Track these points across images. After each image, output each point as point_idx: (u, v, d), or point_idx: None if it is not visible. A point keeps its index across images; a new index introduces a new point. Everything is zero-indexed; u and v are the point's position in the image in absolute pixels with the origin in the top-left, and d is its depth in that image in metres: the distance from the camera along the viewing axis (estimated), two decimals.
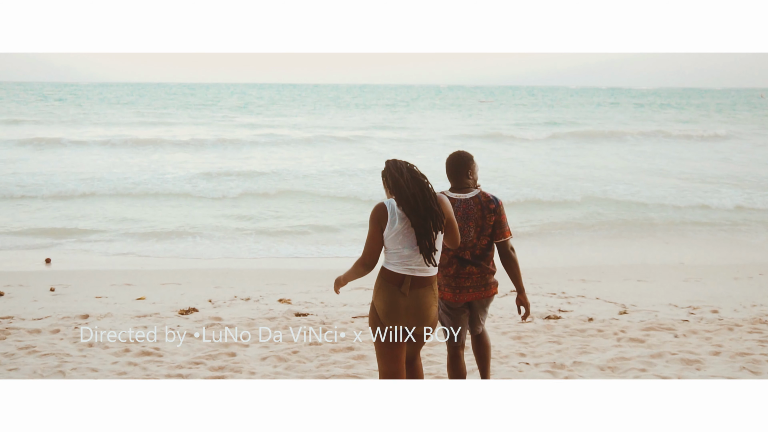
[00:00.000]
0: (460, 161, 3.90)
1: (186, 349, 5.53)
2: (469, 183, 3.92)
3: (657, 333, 6.00)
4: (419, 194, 3.35)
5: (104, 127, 34.95)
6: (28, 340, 5.67)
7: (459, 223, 3.80)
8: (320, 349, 5.57)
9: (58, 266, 9.73)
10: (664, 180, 19.35)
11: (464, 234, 3.81)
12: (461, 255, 3.83)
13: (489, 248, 3.88)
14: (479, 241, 3.83)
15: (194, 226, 12.56)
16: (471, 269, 3.83)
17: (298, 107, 62.36)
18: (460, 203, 3.84)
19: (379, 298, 3.44)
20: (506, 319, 6.63)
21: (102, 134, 30.27)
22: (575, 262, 10.69)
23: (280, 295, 7.78)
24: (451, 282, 3.85)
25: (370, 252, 3.41)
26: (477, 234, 3.82)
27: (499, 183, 17.99)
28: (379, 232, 3.40)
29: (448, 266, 3.85)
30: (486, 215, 3.84)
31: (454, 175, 3.92)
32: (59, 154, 22.82)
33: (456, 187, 3.92)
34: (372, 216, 3.43)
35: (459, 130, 36.33)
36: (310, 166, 20.82)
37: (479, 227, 3.82)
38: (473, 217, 3.82)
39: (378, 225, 3.40)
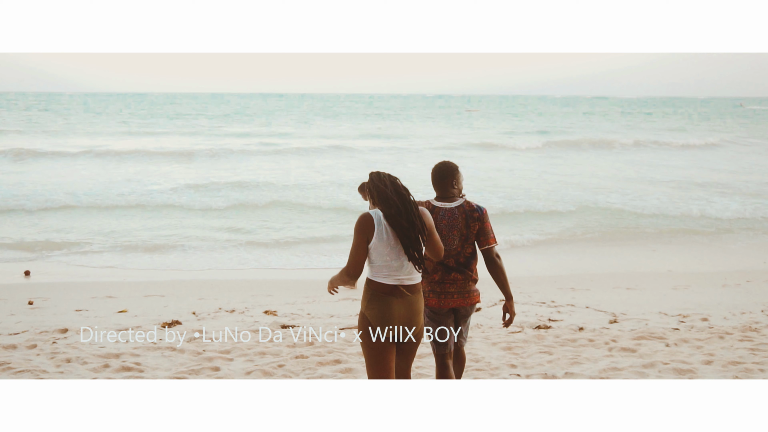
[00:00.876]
0: (446, 171, 3.99)
1: (168, 363, 5.37)
2: (454, 192, 4.00)
3: (648, 342, 5.93)
4: (403, 206, 3.41)
5: (89, 137, 34.55)
6: (2, 356, 5.48)
7: (443, 231, 3.90)
8: (307, 362, 5.43)
9: (38, 278, 9.51)
10: (652, 188, 19.43)
11: (448, 242, 3.90)
12: (446, 262, 3.92)
13: (473, 257, 3.97)
14: (463, 249, 3.93)
15: (180, 238, 12.38)
16: (456, 275, 3.93)
17: (285, 117, 62.20)
18: (445, 212, 3.93)
19: (372, 308, 3.45)
20: (496, 330, 6.54)
21: (87, 144, 29.92)
22: (564, 271, 10.64)
23: (266, 306, 7.63)
24: (435, 288, 3.94)
25: (355, 263, 3.43)
26: (461, 242, 3.92)
27: (490, 192, 17.96)
28: (365, 243, 3.43)
29: (433, 273, 3.94)
30: (470, 224, 3.93)
31: (440, 184, 4.01)
32: (43, 166, 22.48)
33: (441, 196, 4.01)
34: (357, 226, 3.44)
35: (449, 139, 36.34)
36: (299, 176, 20.64)
37: (463, 236, 3.91)
38: (457, 225, 3.91)
39: (364, 236, 3.42)
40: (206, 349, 5.72)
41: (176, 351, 5.68)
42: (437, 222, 3.92)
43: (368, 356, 3.49)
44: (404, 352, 3.58)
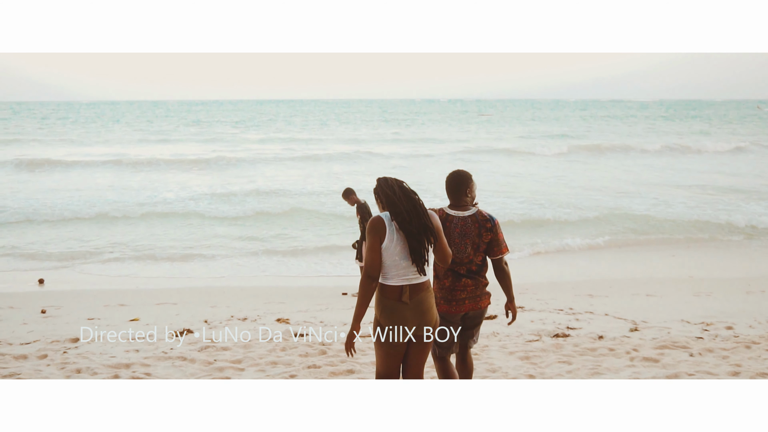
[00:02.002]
0: (460, 180, 4.05)
1: (179, 374, 5.28)
2: (467, 201, 4.05)
3: (671, 352, 5.73)
4: (412, 210, 3.53)
5: (108, 146, 34.76)
6: (13, 367, 5.42)
7: (456, 239, 3.95)
8: (319, 372, 5.31)
9: (52, 287, 9.50)
10: (675, 192, 19.07)
11: (461, 250, 3.95)
12: (457, 270, 3.96)
13: (483, 265, 4.03)
14: (475, 257, 3.98)
15: (196, 246, 12.35)
16: (466, 282, 3.98)
17: (301, 122, 62.30)
18: (458, 220, 3.98)
19: (383, 311, 3.58)
20: (512, 338, 6.37)
21: (105, 152, 30.10)
22: (580, 276, 10.44)
23: (278, 314, 7.53)
24: (447, 295, 3.99)
25: (372, 264, 3.51)
26: (473, 251, 3.97)
27: (506, 196, 17.74)
28: (379, 244, 3.52)
29: (444, 278, 4.00)
30: (482, 233, 3.98)
31: (454, 193, 4.05)
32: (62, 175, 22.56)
33: (455, 205, 4.05)
34: (370, 229, 3.54)
35: (466, 144, 35.98)
36: (316, 183, 20.41)
37: (475, 244, 3.96)
38: (470, 234, 3.96)
39: (377, 237, 3.52)
40: (217, 359, 5.62)
41: (187, 361, 5.58)
42: (450, 230, 3.97)
43: (379, 356, 3.66)
44: (418, 350, 3.65)
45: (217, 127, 55.56)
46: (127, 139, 40.05)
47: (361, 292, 3.54)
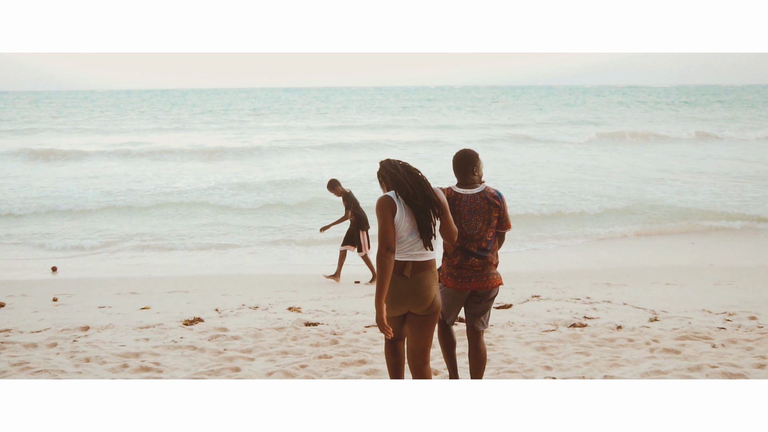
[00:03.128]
0: (467, 158, 4.11)
1: (188, 363, 5.20)
2: (474, 179, 4.11)
3: (693, 343, 5.55)
4: (416, 185, 3.62)
5: (123, 135, 34.71)
6: (22, 355, 5.38)
7: (465, 216, 4.02)
8: (330, 362, 5.21)
9: (65, 274, 9.50)
10: (699, 179, 18.66)
11: (471, 227, 4.02)
12: (467, 247, 4.03)
13: (493, 241, 4.10)
14: (486, 234, 4.05)
15: (210, 235, 12.28)
16: (474, 261, 4.04)
17: (317, 111, 62.04)
18: (467, 198, 4.05)
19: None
20: (528, 328, 6.22)
21: (120, 142, 30.05)
22: (598, 265, 10.24)
23: (290, 302, 7.44)
24: (453, 272, 4.08)
25: (389, 237, 3.56)
26: (485, 227, 4.04)
27: (526, 184, 17.46)
28: (391, 217, 3.58)
29: (453, 256, 4.07)
30: (491, 209, 4.06)
31: (461, 171, 4.12)
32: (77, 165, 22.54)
33: (462, 183, 4.12)
34: (381, 206, 3.61)
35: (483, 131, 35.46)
36: (333, 172, 20.16)
37: (486, 220, 4.04)
38: (480, 211, 4.03)
39: (389, 211, 3.59)
40: (227, 348, 5.54)
41: (197, 350, 5.51)
42: (459, 208, 4.02)
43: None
44: (419, 326, 3.72)
45: (234, 115, 55.51)
46: (143, 128, 40.11)
47: (380, 265, 3.55)
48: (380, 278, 3.55)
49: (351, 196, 8.76)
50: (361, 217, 8.83)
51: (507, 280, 8.82)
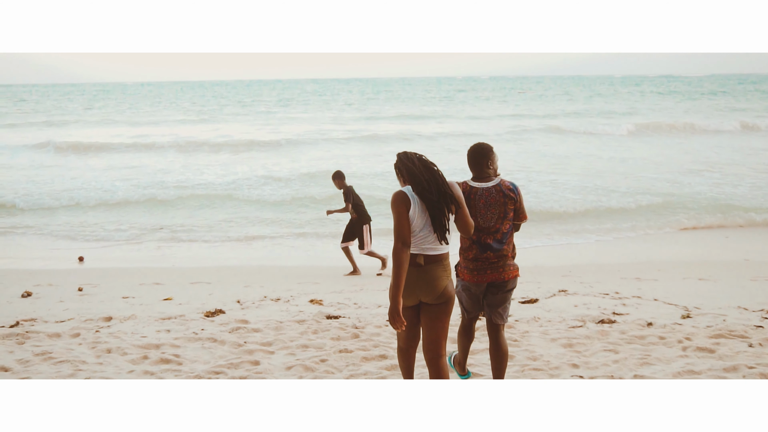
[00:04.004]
0: (481, 152, 4.13)
1: (207, 356, 5.17)
2: (489, 172, 4.13)
3: (728, 341, 5.32)
4: (431, 179, 3.64)
5: (153, 126, 35.07)
6: (46, 344, 5.41)
7: (481, 210, 4.04)
8: (351, 357, 5.12)
9: (91, 264, 9.60)
10: (740, 171, 18.03)
11: (487, 220, 4.05)
12: (483, 240, 4.05)
13: (509, 233, 4.11)
14: (501, 226, 4.06)
15: (234, 227, 12.30)
16: (489, 254, 4.06)
17: (343, 102, 61.93)
18: (482, 191, 4.06)
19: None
20: (555, 323, 6.05)
21: (149, 133, 30.33)
22: (627, 258, 9.98)
23: (311, 295, 7.38)
24: (469, 264, 4.11)
25: (404, 232, 3.59)
26: (501, 219, 4.05)
27: (558, 176, 17.11)
28: (406, 212, 3.61)
29: (468, 250, 4.10)
30: (507, 202, 4.07)
31: (475, 165, 4.13)
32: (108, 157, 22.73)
33: (477, 177, 4.13)
34: (396, 201, 3.64)
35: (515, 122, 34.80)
36: (362, 165, 19.70)
37: (502, 213, 4.05)
38: (495, 204, 4.05)
39: (404, 206, 3.61)
40: (248, 341, 5.49)
41: (217, 342, 5.48)
42: (474, 201, 4.04)
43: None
44: (432, 316, 3.75)
45: (261, 106, 55.73)
46: (171, 120, 40.53)
47: (396, 260, 3.58)
48: (396, 273, 3.57)
49: (351, 192, 8.73)
50: (362, 212, 8.74)
51: (533, 274, 8.64)
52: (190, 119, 40.94)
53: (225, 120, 40.33)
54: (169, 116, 43.94)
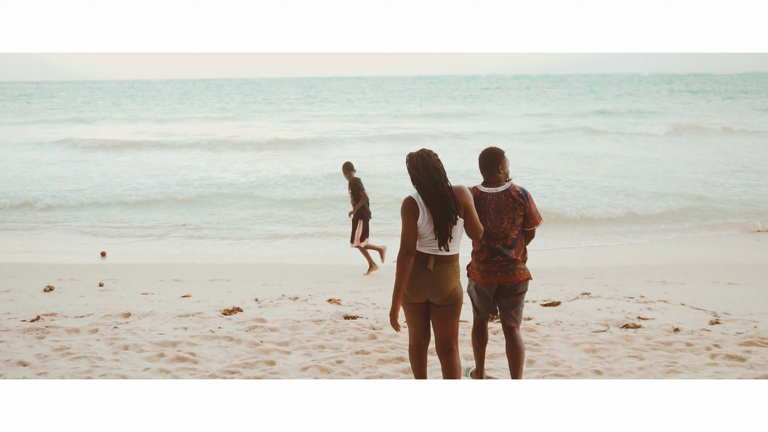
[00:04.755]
0: (492, 157, 4.14)
1: (223, 354, 5.13)
2: (500, 177, 4.14)
3: (759, 350, 5.12)
4: (433, 190, 3.64)
5: (178, 124, 35.33)
6: (64, 340, 5.43)
7: (491, 215, 4.07)
8: (367, 359, 5.04)
9: (113, 259, 9.67)
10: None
11: (496, 225, 4.08)
12: (492, 245, 4.09)
13: (519, 239, 4.12)
14: (511, 232, 4.08)
15: (255, 226, 12.29)
16: (498, 258, 4.10)
17: (368, 100, 61.89)
18: (492, 196, 4.09)
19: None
20: (577, 327, 5.90)
21: (175, 131, 30.52)
22: (653, 261, 9.73)
23: (330, 294, 7.32)
24: (480, 266, 4.16)
25: (410, 241, 3.68)
26: (509, 224, 4.08)
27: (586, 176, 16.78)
28: (414, 221, 3.67)
29: (480, 252, 4.15)
30: (516, 207, 4.08)
31: (486, 169, 4.15)
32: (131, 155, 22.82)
33: (488, 181, 4.15)
34: (405, 209, 3.70)
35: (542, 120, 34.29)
36: (387, 164, 19.44)
37: (511, 219, 4.08)
38: (505, 209, 4.07)
39: (413, 215, 3.67)
40: (264, 341, 5.45)
41: (233, 341, 5.44)
42: (484, 206, 4.07)
43: (406, 315, 3.91)
44: (441, 316, 3.81)
45: (285, 104, 55.93)
46: (196, 117, 40.89)
47: (399, 266, 3.69)
48: (398, 278, 3.68)
49: (357, 183, 8.59)
50: (364, 207, 8.62)
51: (556, 276, 8.47)
52: (214, 116, 41.26)
53: (249, 117, 40.57)
54: (193, 114, 44.36)
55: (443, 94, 70.15)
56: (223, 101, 61.42)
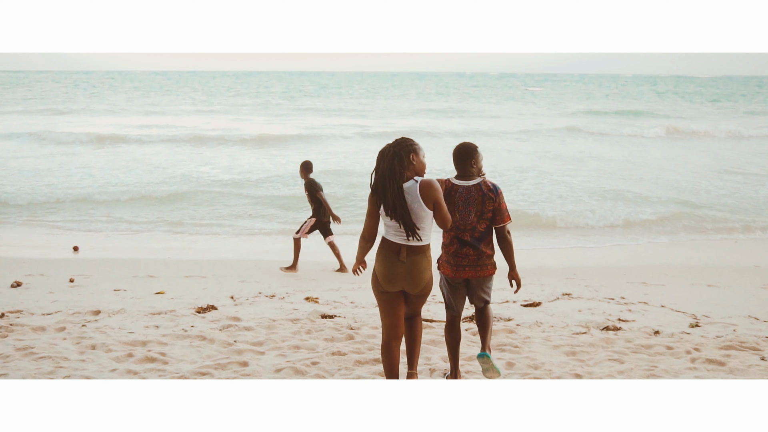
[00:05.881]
0: (465, 151, 4.26)
1: (195, 355, 4.97)
2: (473, 171, 4.25)
3: (739, 354, 5.09)
4: (381, 186, 3.80)
5: (158, 117, 34.61)
6: (29, 339, 5.23)
7: (460, 207, 4.19)
8: (344, 360, 4.91)
9: (86, 254, 9.42)
10: (759, 175, 17.61)
11: (464, 217, 4.20)
12: (461, 236, 4.21)
13: (488, 232, 4.24)
14: (478, 225, 4.20)
15: (235, 222, 12.07)
16: (468, 250, 4.21)
17: (349, 95, 61.59)
18: (463, 190, 4.22)
19: (380, 263, 3.93)
20: (557, 329, 5.83)
21: (155, 123, 29.84)
22: (634, 261, 9.73)
23: (308, 292, 7.17)
24: (450, 259, 4.26)
25: (368, 228, 3.96)
26: (477, 218, 4.19)
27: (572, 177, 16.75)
28: (375, 211, 3.88)
29: (450, 245, 4.26)
30: (486, 201, 4.20)
31: (460, 163, 4.27)
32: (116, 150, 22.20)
33: (461, 175, 4.27)
34: (369, 198, 3.92)
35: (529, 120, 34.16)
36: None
37: (479, 212, 4.19)
38: (474, 202, 4.19)
39: (374, 206, 3.88)
40: (238, 340, 5.29)
41: (206, 341, 5.28)
42: (454, 199, 4.19)
43: (379, 304, 4.03)
44: (411, 301, 4.05)
45: (270, 97, 55.37)
46: (179, 110, 40.25)
47: (359, 246, 4.04)
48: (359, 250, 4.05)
49: (312, 184, 8.44)
50: (320, 206, 8.48)
51: (537, 276, 8.41)
52: (197, 109, 40.67)
53: (232, 111, 40.03)
54: (176, 106, 43.67)
55: (429, 92, 69.98)
56: (206, 94, 60.69)
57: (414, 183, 3.82)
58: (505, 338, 5.45)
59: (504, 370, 4.74)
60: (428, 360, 4.93)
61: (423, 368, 4.74)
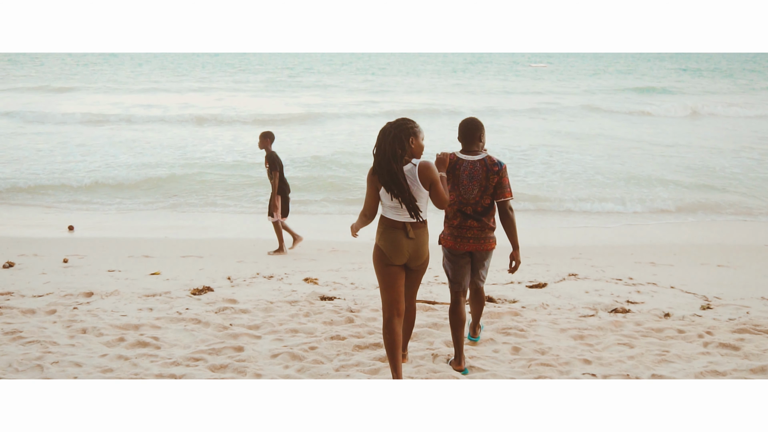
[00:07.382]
0: (472, 126, 4.28)
1: (189, 339, 4.80)
2: (478, 146, 4.28)
3: (753, 337, 4.89)
4: (377, 166, 3.81)
5: (155, 95, 34.11)
6: (18, 322, 5.05)
7: (464, 181, 4.22)
8: (343, 344, 4.73)
9: (81, 233, 9.23)
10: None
11: (468, 191, 4.23)
12: (464, 210, 4.25)
13: (491, 207, 4.27)
14: (482, 200, 4.22)
15: (231, 200, 11.85)
16: (472, 223, 4.26)
17: (356, 71, 60.58)
18: (467, 164, 4.23)
19: (385, 239, 3.91)
20: (564, 311, 5.63)
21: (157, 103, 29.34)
22: (641, 241, 9.52)
23: (307, 273, 6.98)
24: (453, 231, 4.30)
25: (368, 206, 3.96)
26: (480, 193, 4.22)
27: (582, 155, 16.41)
28: (375, 191, 3.90)
29: (453, 218, 4.30)
30: (490, 176, 4.21)
31: (466, 138, 4.29)
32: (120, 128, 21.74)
33: (466, 150, 4.29)
34: (368, 178, 3.92)
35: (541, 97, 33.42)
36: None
37: (482, 187, 4.21)
38: (478, 177, 4.21)
39: (373, 185, 3.90)
40: (234, 323, 5.11)
41: (201, 324, 5.10)
42: (459, 173, 4.21)
43: (381, 280, 3.97)
44: (411, 278, 4.05)
45: (270, 74, 54.51)
46: (177, 89, 39.59)
47: (359, 219, 3.99)
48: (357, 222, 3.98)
49: (273, 158, 7.92)
50: (284, 181, 8.03)
51: (542, 255, 8.21)
52: (198, 87, 40.05)
53: (230, 90, 39.37)
54: (175, 85, 43.00)
55: (429, 69, 68.93)
56: (209, 71, 59.87)
57: (413, 166, 3.84)
58: (510, 321, 5.27)
59: (510, 356, 4.56)
60: (431, 344, 4.75)
61: (425, 353, 4.56)
